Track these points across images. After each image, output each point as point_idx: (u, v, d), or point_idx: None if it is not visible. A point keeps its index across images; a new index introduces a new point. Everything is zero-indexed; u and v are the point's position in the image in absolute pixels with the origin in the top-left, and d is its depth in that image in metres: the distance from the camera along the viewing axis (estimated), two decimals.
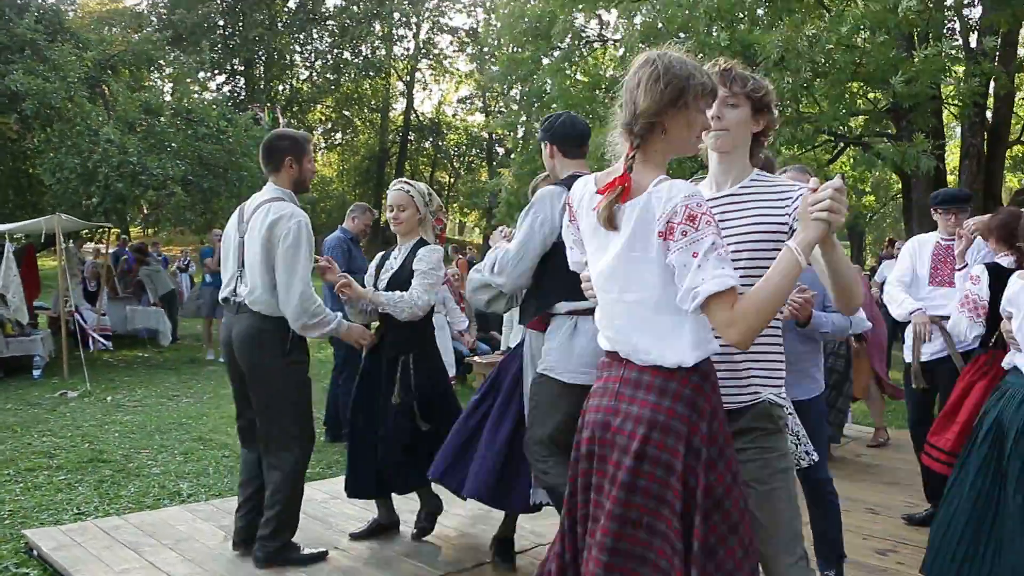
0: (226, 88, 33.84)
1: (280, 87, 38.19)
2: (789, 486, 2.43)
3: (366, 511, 4.74)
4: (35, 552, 4.14)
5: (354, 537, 4.39)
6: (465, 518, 4.81)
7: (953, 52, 12.95)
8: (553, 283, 3.42)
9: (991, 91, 14.39)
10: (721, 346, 2.23)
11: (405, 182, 4.29)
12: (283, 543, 3.95)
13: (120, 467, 6.05)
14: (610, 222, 2.16)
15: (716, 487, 2.12)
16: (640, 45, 14.32)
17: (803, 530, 2.47)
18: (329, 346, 8.43)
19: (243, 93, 33.79)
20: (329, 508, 4.93)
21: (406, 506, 4.72)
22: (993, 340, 4.12)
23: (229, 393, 9.07)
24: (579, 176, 3.06)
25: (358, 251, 6.98)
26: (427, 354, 4.30)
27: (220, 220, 15.04)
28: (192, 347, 13.23)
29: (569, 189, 2.43)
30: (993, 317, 4.02)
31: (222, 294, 4.04)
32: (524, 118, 19.50)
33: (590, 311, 2.79)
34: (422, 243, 4.27)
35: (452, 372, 7.56)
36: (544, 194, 3.51)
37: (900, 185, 17.54)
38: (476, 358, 10.25)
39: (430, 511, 4.47)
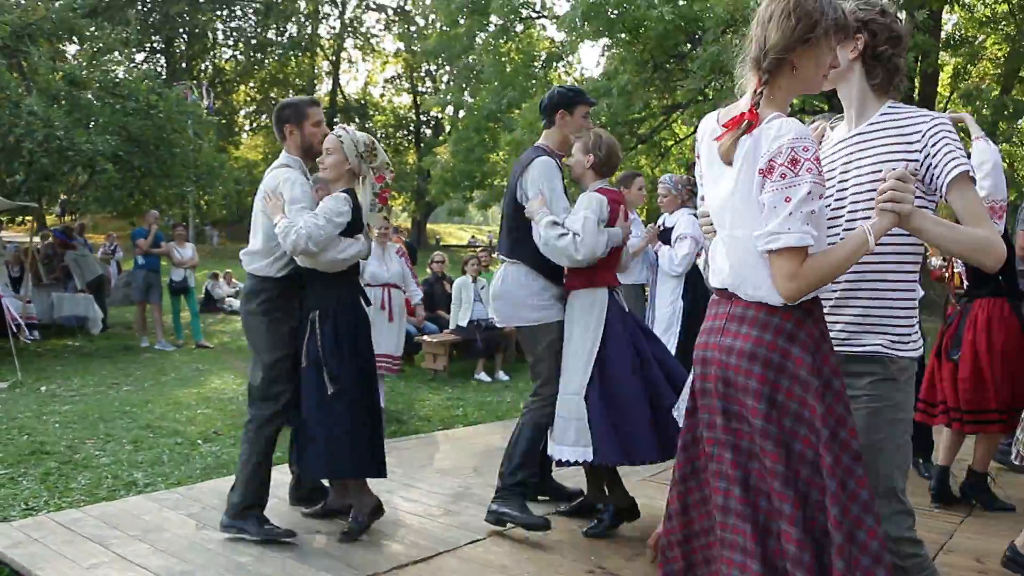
0: (145, 66, 32.65)
1: (203, 66, 37.05)
2: (896, 439, 2.35)
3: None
4: None
5: (306, 515, 4.29)
6: (446, 496, 4.63)
7: None
8: None
9: (917, 69, 14.63)
10: (839, 291, 2.36)
11: (343, 128, 4.10)
12: (245, 506, 3.95)
13: (66, 459, 5.65)
14: (727, 156, 2.14)
15: (829, 417, 2.11)
16: (578, 21, 14.26)
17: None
18: None
19: (164, 72, 32.62)
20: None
21: (383, 486, 4.52)
22: None
23: (171, 380, 8.76)
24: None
25: None
26: (336, 314, 3.99)
27: (149, 201, 14.43)
28: (124, 335, 12.69)
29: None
30: None
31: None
32: (459, 95, 19.31)
33: None
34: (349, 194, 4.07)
35: (399, 352, 7.41)
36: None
37: None
38: (425, 337, 10.03)
39: (361, 511, 4.04)
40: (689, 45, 13.96)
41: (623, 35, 14.12)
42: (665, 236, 5.88)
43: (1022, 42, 16.60)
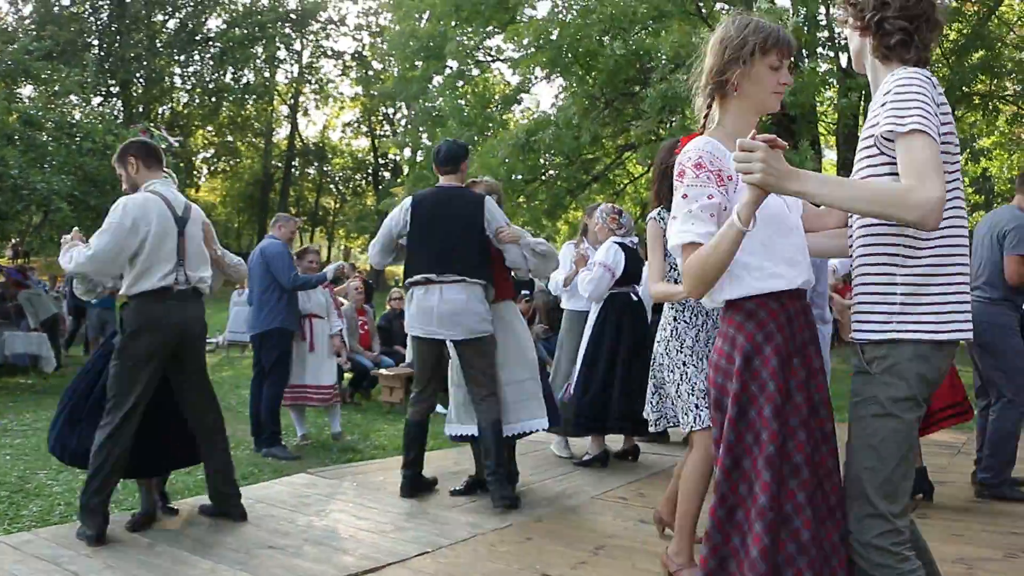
0: (101, 109, 32.54)
1: (160, 109, 37.00)
2: (870, 436, 2.26)
3: (294, 511, 4.76)
4: None
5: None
6: (399, 515, 4.72)
7: (830, 68, 13.61)
8: None
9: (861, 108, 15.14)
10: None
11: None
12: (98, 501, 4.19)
13: (17, 487, 5.65)
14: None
15: (740, 420, 2.30)
16: (536, 60, 14.59)
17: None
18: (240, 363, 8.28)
19: (120, 115, 32.53)
20: (256, 511, 4.77)
21: (337, 505, 4.60)
22: None
23: None
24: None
25: None
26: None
27: None
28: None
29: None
30: None
31: (161, 284, 4.25)
32: (416, 137, 19.51)
33: None
34: None
35: (329, 382, 7.55)
36: None
37: None
38: (382, 371, 10.12)
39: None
40: (639, 87, 14.34)
41: (574, 69, 14.44)
42: None
43: None
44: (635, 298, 6.10)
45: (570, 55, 13.94)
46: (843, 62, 14.57)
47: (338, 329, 8.46)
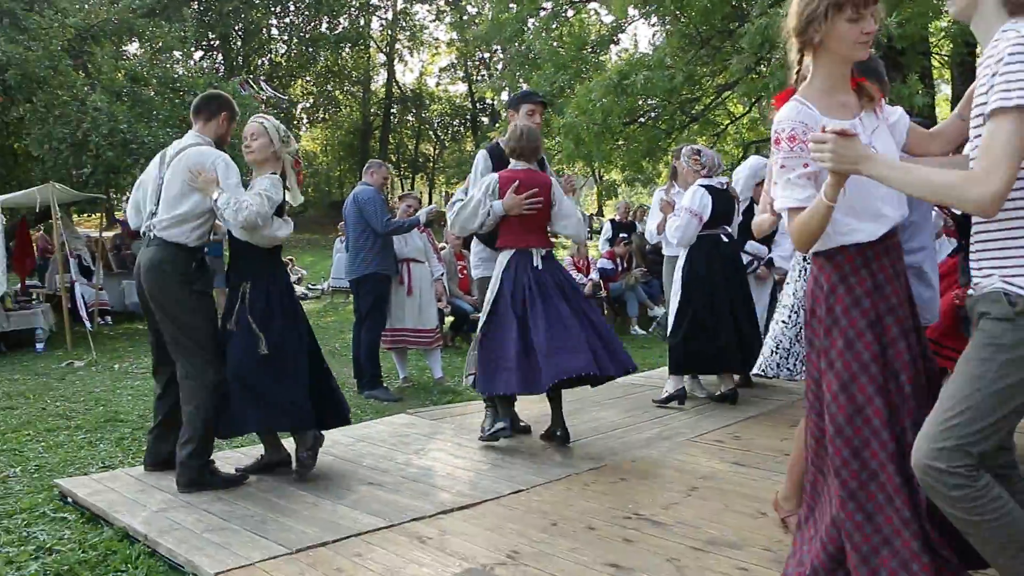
0: (204, 63, 33.33)
1: (259, 61, 37.69)
2: (978, 376, 2.14)
3: (393, 450, 4.90)
4: (69, 499, 4.08)
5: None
6: (497, 454, 4.84)
7: None
8: None
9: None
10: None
11: (263, 115, 4.49)
12: (201, 464, 4.18)
13: (138, 426, 5.96)
14: None
15: (822, 357, 2.53)
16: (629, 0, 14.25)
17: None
18: (343, 309, 8.52)
19: (221, 68, 33.31)
20: (357, 449, 4.96)
21: (436, 444, 4.71)
22: None
23: None
24: None
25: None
26: (267, 284, 4.33)
27: None
28: None
29: None
30: None
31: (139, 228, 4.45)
32: (513, 80, 19.35)
33: None
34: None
35: (429, 325, 7.67)
36: None
37: None
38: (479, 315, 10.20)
39: (306, 449, 4.38)
40: (737, 23, 13.86)
41: (668, 10, 14.06)
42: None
43: None
44: (724, 239, 6.02)
45: None
46: None
47: (439, 274, 8.61)
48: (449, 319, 10.45)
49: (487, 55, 39.12)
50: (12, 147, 14.75)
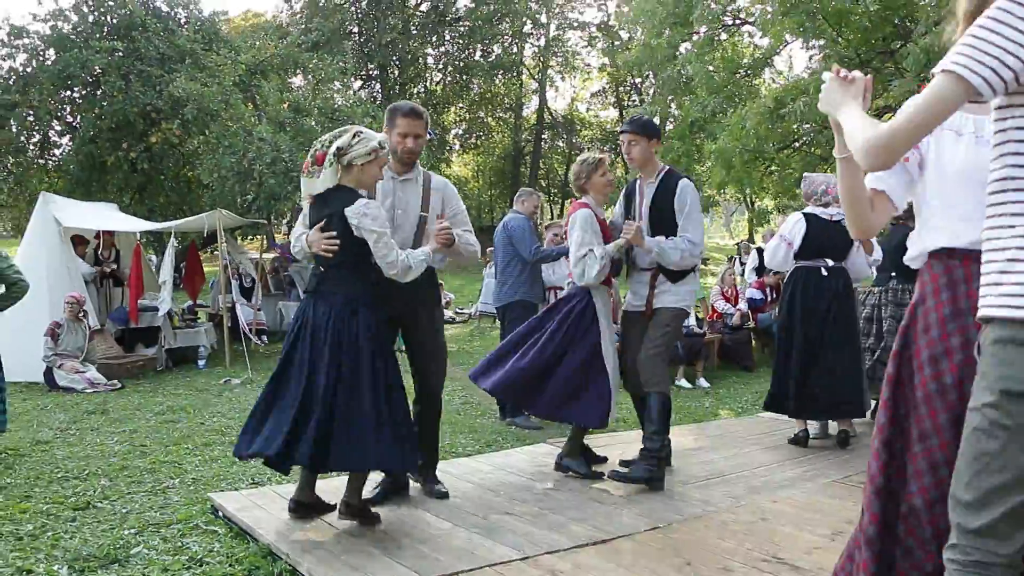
0: (362, 92, 34.67)
1: (415, 90, 38.91)
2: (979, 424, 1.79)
3: (532, 480, 4.90)
4: (220, 513, 4.29)
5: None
6: (632, 488, 4.73)
7: None
8: None
9: None
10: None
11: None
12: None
13: None
14: None
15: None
16: (780, 19, 13.93)
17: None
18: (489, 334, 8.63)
19: (379, 97, 34.54)
20: (496, 477, 5.00)
21: (575, 477, 4.68)
22: None
23: None
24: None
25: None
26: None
27: None
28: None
29: None
30: None
31: None
32: (665, 105, 19.22)
33: None
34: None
35: None
36: None
37: None
38: None
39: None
40: (900, 42, 13.32)
41: (826, 32, 13.64)
42: None
43: None
44: (824, 272, 5.77)
45: (820, 17, 13.13)
46: None
47: None
48: None
49: (639, 80, 39.00)
50: (186, 176, 15.78)
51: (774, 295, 11.43)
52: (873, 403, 5.78)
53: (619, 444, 5.86)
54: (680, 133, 16.03)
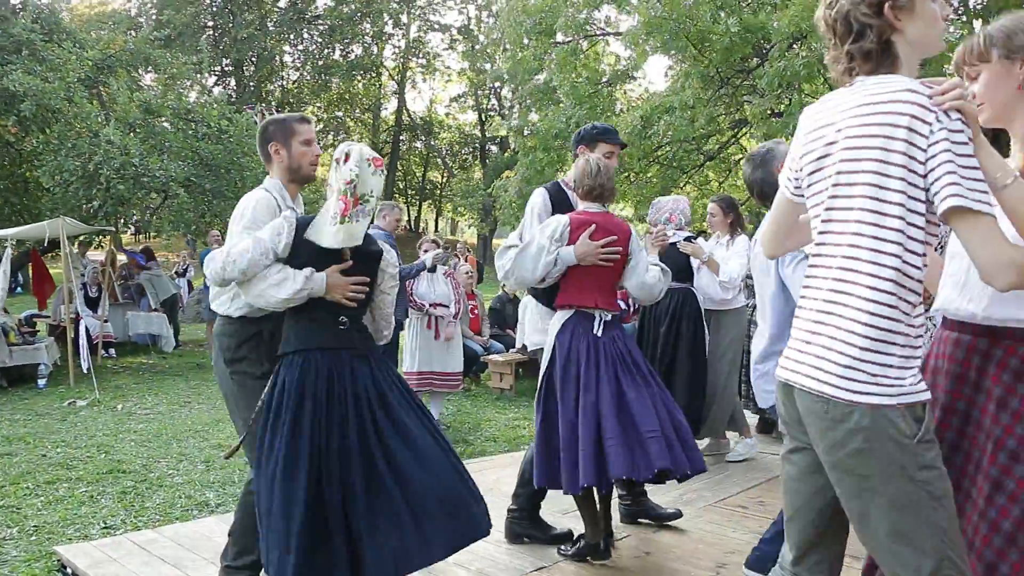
0: (216, 89, 33.44)
1: (271, 87, 37.85)
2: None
3: None
4: (69, 570, 3.90)
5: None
6: None
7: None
8: None
9: None
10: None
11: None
12: None
13: (141, 477, 5.82)
14: None
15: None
16: (643, 36, 14.21)
17: None
18: None
19: (234, 94, 33.41)
20: None
21: None
22: None
23: None
24: None
25: None
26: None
27: (220, 222, 14.76)
28: (196, 353, 12.97)
29: None
30: None
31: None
32: (524, 114, 19.31)
33: None
34: None
35: (458, 368, 7.76)
36: None
37: None
38: (493, 356, 10.07)
39: None
40: (756, 60, 13.82)
41: (688, 50, 14.01)
42: None
43: None
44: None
45: (684, 38, 13.49)
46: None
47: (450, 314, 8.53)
48: None
49: (497, 84, 39.23)
50: (24, 177, 14.73)
51: (636, 305, 11.62)
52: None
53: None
54: (545, 144, 16.14)
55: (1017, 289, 1.79)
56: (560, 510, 4.59)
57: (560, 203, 4.22)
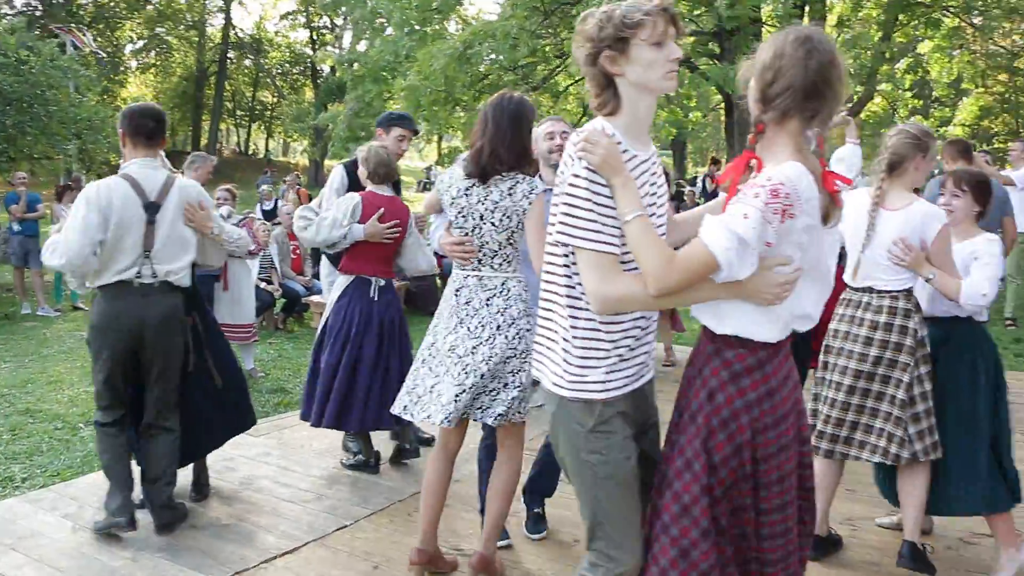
0: (18, 2, 30.86)
1: (82, 2, 35.21)
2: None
3: (218, 478, 4.70)
4: None
5: None
6: (320, 480, 4.76)
7: None
8: None
9: (805, 18, 15.00)
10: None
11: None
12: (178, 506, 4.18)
13: None
14: None
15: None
16: None
17: None
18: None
19: (40, 9, 30.92)
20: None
21: (261, 471, 4.61)
22: None
23: (54, 354, 8.44)
24: None
25: None
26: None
27: (24, 161, 13.82)
28: (4, 299, 12.17)
29: None
30: None
31: (118, 278, 3.93)
32: (355, 50, 18.87)
33: None
34: None
35: (245, 321, 7.51)
36: None
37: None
38: (314, 297, 9.99)
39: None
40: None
41: None
42: None
43: None
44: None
45: None
46: None
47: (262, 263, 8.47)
48: (281, 301, 10.21)
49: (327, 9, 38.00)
50: None
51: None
52: None
53: None
54: (374, 75, 15.90)
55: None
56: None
57: (356, 180, 4.94)
